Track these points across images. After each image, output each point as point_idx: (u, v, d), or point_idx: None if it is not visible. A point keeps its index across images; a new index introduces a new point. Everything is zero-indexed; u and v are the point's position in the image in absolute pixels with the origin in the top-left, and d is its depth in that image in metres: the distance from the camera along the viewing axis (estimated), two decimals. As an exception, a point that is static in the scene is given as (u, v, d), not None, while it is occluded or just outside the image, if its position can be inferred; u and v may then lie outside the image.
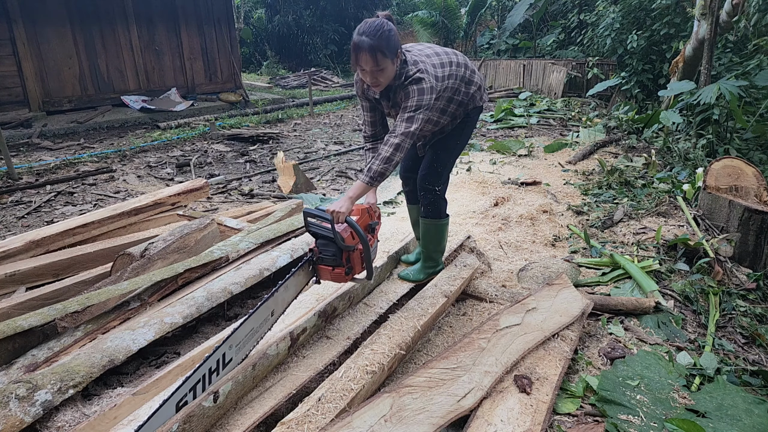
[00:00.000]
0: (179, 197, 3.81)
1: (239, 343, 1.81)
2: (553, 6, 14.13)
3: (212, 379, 1.72)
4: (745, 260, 3.39)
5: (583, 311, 2.54)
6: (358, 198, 2.15)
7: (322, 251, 2.09)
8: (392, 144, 2.13)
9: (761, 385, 2.26)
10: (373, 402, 1.79)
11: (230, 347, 1.76)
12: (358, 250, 2.12)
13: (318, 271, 2.12)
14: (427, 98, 2.18)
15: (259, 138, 7.62)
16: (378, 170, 2.13)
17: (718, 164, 3.97)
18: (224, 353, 1.74)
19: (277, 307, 1.97)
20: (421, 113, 2.17)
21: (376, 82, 2.17)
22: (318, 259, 2.10)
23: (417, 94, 2.15)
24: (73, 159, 6.50)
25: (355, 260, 2.12)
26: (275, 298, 1.93)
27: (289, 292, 2.03)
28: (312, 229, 2.09)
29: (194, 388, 1.66)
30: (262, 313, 1.87)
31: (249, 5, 19.84)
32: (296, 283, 2.07)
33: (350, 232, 2.09)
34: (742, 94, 5.93)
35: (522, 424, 1.84)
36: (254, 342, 1.90)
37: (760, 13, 7.33)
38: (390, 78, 2.18)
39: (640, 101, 9.86)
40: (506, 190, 4.93)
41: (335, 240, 2.03)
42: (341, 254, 2.06)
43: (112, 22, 9.43)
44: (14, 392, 1.74)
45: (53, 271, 2.92)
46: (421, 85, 2.16)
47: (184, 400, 1.63)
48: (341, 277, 2.10)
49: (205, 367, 1.68)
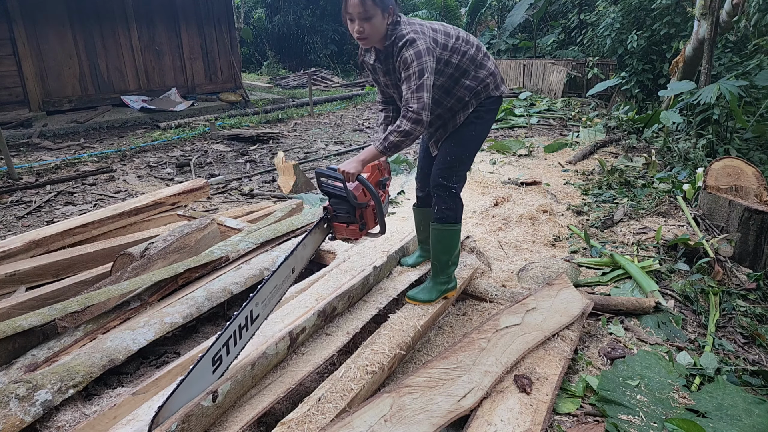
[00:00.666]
0: (179, 197, 3.80)
1: (264, 299, 1.89)
2: (553, 6, 14.12)
3: (242, 335, 1.80)
4: (745, 260, 3.39)
5: (583, 311, 2.54)
6: (368, 162, 2.17)
7: (336, 209, 2.16)
8: (410, 119, 2.08)
9: (761, 385, 2.27)
10: (373, 402, 1.79)
11: (257, 304, 1.84)
12: (371, 207, 2.19)
13: (333, 228, 2.20)
14: (427, 60, 2.07)
15: (259, 138, 7.62)
16: (394, 141, 2.11)
17: (718, 164, 3.97)
18: (251, 310, 1.82)
19: (297, 264, 2.08)
20: (427, 78, 2.07)
21: (362, 35, 2.08)
22: (332, 217, 2.18)
23: (415, 57, 2.06)
24: (73, 159, 6.50)
25: (368, 216, 2.20)
26: (295, 255, 2.03)
27: (307, 250, 2.12)
28: (325, 189, 2.15)
29: (227, 343, 1.74)
30: (283, 270, 1.97)
31: (249, 5, 19.84)
32: (313, 241, 2.16)
33: (362, 189, 2.15)
34: (742, 94, 5.93)
35: (522, 424, 1.84)
36: (278, 298, 1.98)
37: (760, 13, 7.33)
38: (378, 34, 2.10)
39: (640, 101, 9.87)
40: (506, 190, 4.93)
41: (348, 198, 2.10)
42: (354, 211, 2.13)
43: (112, 22, 9.43)
44: (14, 392, 1.74)
45: (53, 271, 2.92)
46: (417, 47, 2.06)
47: (219, 355, 1.71)
48: (355, 233, 2.18)
49: (236, 323, 1.75)
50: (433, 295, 2.46)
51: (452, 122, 2.37)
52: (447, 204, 2.37)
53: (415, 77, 2.07)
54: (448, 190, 2.36)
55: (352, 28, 2.11)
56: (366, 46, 2.20)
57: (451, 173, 2.36)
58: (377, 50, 2.24)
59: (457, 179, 2.38)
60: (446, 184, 2.35)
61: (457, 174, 2.38)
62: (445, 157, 2.37)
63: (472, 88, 2.32)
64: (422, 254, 2.84)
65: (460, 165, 2.37)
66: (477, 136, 2.39)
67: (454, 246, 2.46)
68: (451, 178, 2.35)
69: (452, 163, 2.36)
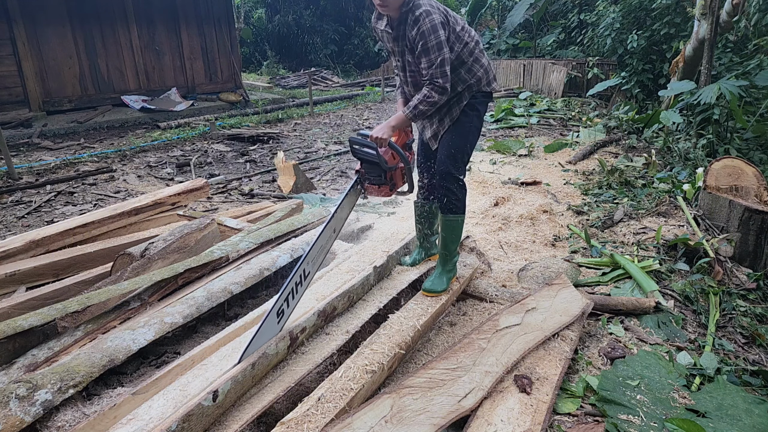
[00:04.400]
0: (179, 197, 3.80)
1: (313, 258, 2.09)
2: (553, 6, 14.12)
3: (297, 290, 2.02)
4: (745, 260, 3.39)
5: (583, 311, 2.54)
6: (397, 128, 2.33)
7: (368, 172, 2.35)
8: (437, 90, 2.23)
9: (761, 385, 2.26)
10: (373, 403, 1.79)
11: (308, 263, 2.05)
12: (399, 168, 2.39)
13: (366, 189, 2.40)
14: (442, 33, 2.20)
15: (259, 138, 7.62)
16: (422, 110, 2.27)
17: (719, 164, 3.97)
18: (304, 269, 2.03)
19: (337, 224, 2.27)
20: (445, 51, 2.20)
21: (383, 1, 2.21)
22: (365, 180, 2.38)
23: (432, 31, 2.17)
24: (73, 159, 6.50)
25: (397, 177, 2.41)
26: (335, 217, 2.21)
27: (344, 211, 2.32)
28: (358, 155, 2.33)
29: (287, 299, 1.96)
30: (326, 232, 2.16)
31: (249, 5, 19.84)
32: (350, 202, 2.35)
33: (391, 153, 2.32)
34: (743, 94, 5.93)
35: (522, 424, 1.83)
36: (323, 256, 2.18)
37: (760, 13, 7.34)
38: (397, 1, 2.20)
39: (640, 101, 9.87)
40: (506, 190, 4.93)
41: (379, 163, 2.28)
42: (385, 174, 2.33)
43: (112, 21, 9.43)
44: (14, 392, 1.74)
45: (53, 271, 2.92)
46: (433, 20, 2.18)
47: (281, 309, 1.94)
48: (386, 192, 2.40)
49: (293, 281, 1.97)
50: (444, 284, 2.59)
51: (449, 115, 2.47)
52: (455, 195, 2.50)
53: (435, 50, 2.19)
54: (456, 182, 2.48)
55: None
56: (385, 12, 2.32)
57: (456, 163, 2.47)
58: (390, 17, 2.34)
59: (462, 169, 2.51)
60: (454, 174, 2.46)
61: (462, 164, 2.50)
62: (448, 149, 2.47)
63: (466, 81, 2.42)
64: (421, 253, 2.85)
65: (463, 155, 2.50)
66: (475, 128, 2.51)
67: (460, 235, 2.64)
68: (456, 167, 2.47)
69: (455, 154, 2.46)
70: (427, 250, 2.86)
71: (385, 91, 12.54)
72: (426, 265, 2.84)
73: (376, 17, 2.46)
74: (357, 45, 19.86)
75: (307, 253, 2.03)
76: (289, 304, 1.99)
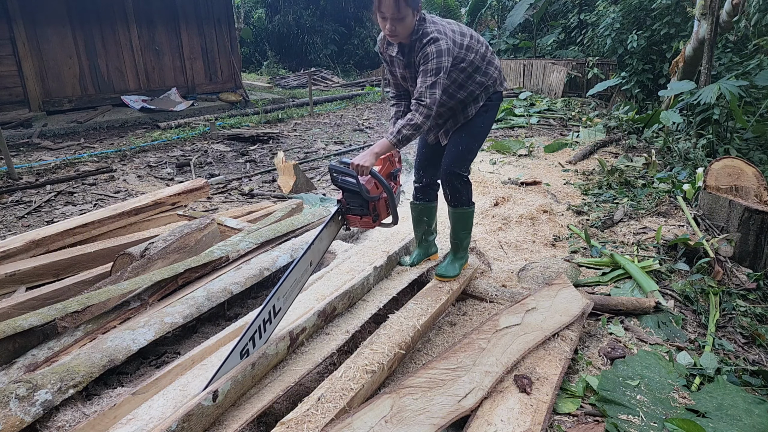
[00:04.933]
0: (179, 197, 3.80)
1: (285, 293, 1.98)
2: (553, 6, 14.12)
3: (266, 328, 1.91)
4: (745, 260, 3.39)
5: (583, 311, 2.54)
6: (381, 155, 2.26)
7: (349, 202, 2.24)
8: (422, 113, 2.21)
9: (761, 385, 2.26)
10: (373, 403, 1.79)
11: (278, 298, 1.93)
12: (383, 199, 2.29)
13: (348, 220, 2.29)
14: (445, 60, 2.23)
15: (259, 138, 7.62)
16: (406, 134, 2.23)
17: (718, 164, 3.97)
18: (274, 305, 1.91)
19: (314, 257, 2.15)
20: (441, 77, 2.23)
21: (393, 32, 2.22)
22: (347, 210, 2.26)
23: (436, 56, 2.21)
24: (73, 159, 6.50)
25: (380, 208, 2.30)
26: (312, 249, 2.10)
27: (323, 243, 2.20)
28: (338, 183, 2.22)
29: (252, 338, 1.86)
30: (302, 265, 2.04)
31: (249, 5, 19.84)
32: (329, 234, 2.23)
33: (374, 182, 2.24)
34: (743, 94, 5.93)
35: (522, 424, 1.84)
36: (297, 291, 2.07)
37: (760, 13, 7.34)
38: (408, 30, 2.23)
39: (640, 101, 9.87)
40: (506, 190, 4.93)
41: (360, 192, 2.17)
42: (367, 204, 2.22)
43: (112, 22, 9.43)
44: (14, 392, 1.74)
45: (53, 271, 2.92)
46: (439, 46, 2.21)
47: (246, 348, 1.84)
48: (369, 223, 2.28)
49: (260, 318, 1.86)
50: (457, 270, 2.72)
51: (463, 114, 2.53)
52: (460, 191, 2.57)
53: (432, 73, 2.22)
54: (461, 178, 2.55)
55: (383, 26, 2.24)
56: (395, 41, 2.33)
57: (463, 162, 2.54)
58: (401, 44, 2.37)
59: (467, 167, 2.58)
60: (459, 173, 2.53)
61: (468, 162, 2.58)
62: (457, 147, 2.52)
63: (482, 83, 2.48)
64: (420, 254, 2.85)
65: (470, 154, 2.56)
66: (485, 128, 2.59)
67: (471, 224, 2.73)
68: (462, 166, 2.54)
69: (463, 152, 2.53)
70: (426, 249, 2.86)
71: (385, 91, 12.54)
72: (426, 264, 2.85)
73: (386, 44, 2.46)
74: (357, 45, 19.86)
75: (278, 286, 1.91)
76: (256, 344, 1.88)
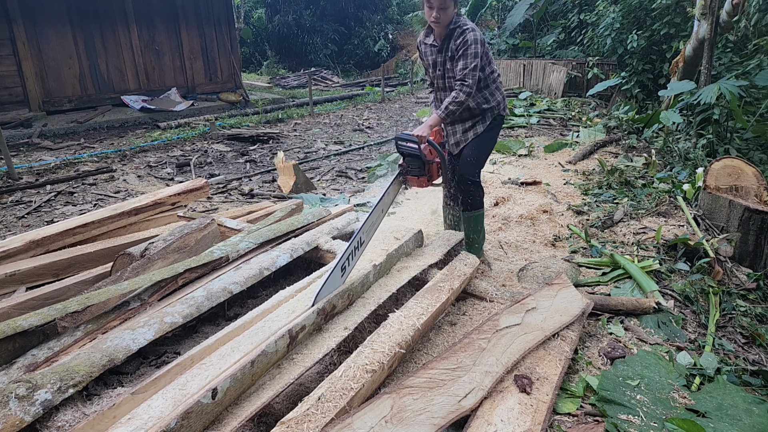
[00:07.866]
0: (179, 197, 3.80)
1: (367, 230, 2.48)
2: (553, 6, 14.11)
3: (355, 253, 2.41)
4: (745, 260, 3.39)
5: (583, 311, 2.54)
6: (434, 127, 2.79)
7: (409, 165, 2.77)
8: (465, 91, 2.74)
9: (761, 385, 2.26)
10: (373, 403, 1.78)
11: (364, 233, 2.45)
12: (436, 163, 2.80)
13: (407, 180, 2.82)
14: (480, 49, 2.74)
15: (259, 138, 7.62)
16: (452, 110, 2.77)
17: (718, 164, 3.97)
18: (360, 236, 2.42)
19: (385, 207, 2.66)
20: (478, 62, 2.73)
21: (437, 19, 2.74)
22: (407, 171, 2.79)
23: (473, 42, 2.71)
24: (73, 159, 6.50)
25: (433, 170, 2.82)
26: (383, 201, 2.60)
27: (390, 197, 2.72)
28: (402, 150, 2.75)
29: (348, 257, 2.34)
30: (376, 212, 2.56)
31: (249, 5, 19.84)
32: (394, 190, 2.76)
33: (429, 149, 2.76)
34: (743, 94, 5.93)
35: (522, 424, 1.83)
36: (374, 231, 2.61)
37: (760, 13, 7.34)
38: (448, 19, 2.76)
39: (640, 101, 9.86)
40: (506, 190, 4.93)
41: (420, 156, 2.69)
42: (424, 166, 2.74)
43: (112, 22, 9.43)
44: (14, 392, 1.74)
45: (53, 271, 2.91)
46: (476, 36, 2.73)
47: (344, 265, 2.31)
48: (425, 182, 2.81)
49: (352, 244, 2.34)
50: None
51: (473, 130, 3.04)
52: (473, 195, 3.09)
53: (472, 57, 2.73)
54: (474, 184, 3.07)
55: (429, 14, 2.76)
56: (437, 27, 2.83)
57: (474, 169, 3.07)
58: (436, 34, 2.90)
59: (478, 174, 3.11)
60: (472, 179, 3.07)
61: (479, 169, 3.11)
62: (470, 158, 3.05)
63: (490, 101, 2.97)
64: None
65: (479, 163, 3.11)
66: (491, 143, 3.13)
67: (482, 226, 3.24)
68: (473, 173, 3.07)
69: (475, 162, 3.07)
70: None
71: (384, 91, 12.54)
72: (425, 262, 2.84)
73: (425, 34, 3.00)
74: (357, 45, 19.87)
75: (362, 225, 2.42)
76: (350, 263, 2.37)
